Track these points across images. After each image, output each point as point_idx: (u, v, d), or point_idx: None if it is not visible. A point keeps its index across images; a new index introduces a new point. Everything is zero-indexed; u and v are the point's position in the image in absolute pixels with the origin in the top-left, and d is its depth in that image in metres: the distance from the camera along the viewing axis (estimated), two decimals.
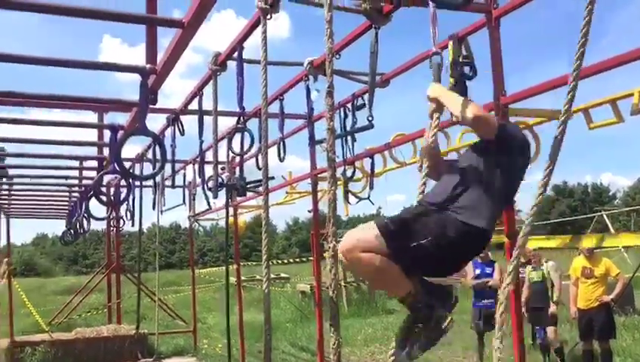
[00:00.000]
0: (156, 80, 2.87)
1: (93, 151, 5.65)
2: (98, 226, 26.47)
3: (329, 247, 2.73)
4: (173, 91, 59.56)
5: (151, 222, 49.01)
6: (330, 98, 2.80)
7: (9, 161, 6.77)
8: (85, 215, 6.49)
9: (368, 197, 5.68)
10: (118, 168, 2.94)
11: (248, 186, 6.28)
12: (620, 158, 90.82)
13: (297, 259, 25.73)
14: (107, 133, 5.13)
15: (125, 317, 14.28)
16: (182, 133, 6.51)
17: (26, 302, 11.98)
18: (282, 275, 24.40)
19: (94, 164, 6.12)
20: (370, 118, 4.03)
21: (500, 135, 2.76)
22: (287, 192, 10.37)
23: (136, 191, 9.67)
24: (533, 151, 4.95)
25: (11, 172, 6.97)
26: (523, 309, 8.57)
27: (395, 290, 2.86)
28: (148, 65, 2.69)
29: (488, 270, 8.48)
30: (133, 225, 9.37)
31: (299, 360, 10.50)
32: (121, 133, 3.44)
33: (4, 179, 7.58)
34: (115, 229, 13.31)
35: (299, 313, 15.61)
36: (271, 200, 3.43)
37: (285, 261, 27.27)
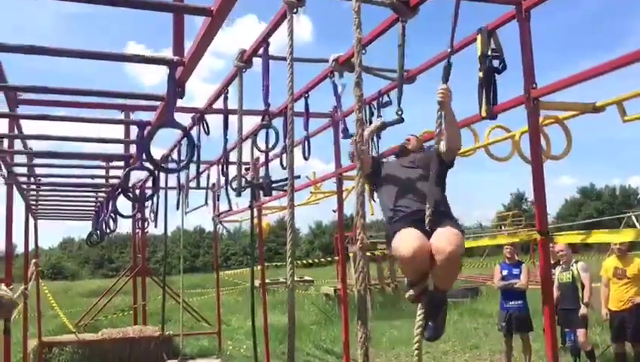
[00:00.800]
0: (183, 72, 2.85)
1: (119, 149, 5.67)
2: (123, 230, 26.79)
3: (357, 239, 2.69)
4: (197, 95, 60.17)
5: (175, 225, 49.23)
6: (359, 89, 2.76)
7: (36, 161, 6.85)
8: (112, 214, 6.52)
9: None
10: (147, 161, 2.92)
11: (274, 185, 6.27)
12: None
13: (322, 259, 25.57)
14: (134, 132, 5.18)
15: (151, 319, 14.39)
16: (207, 133, 6.51)
17: (53, 304, 12.12)
18: (306, 278, 24.38)
19: (121, 164, 6.17)
20: (399, 113, 3.96)
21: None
22: (311, 192, 10.30)
23: (161, 192, 9.78)
24: (564, 146, 4.86)
25: (38, 171, 7.06)
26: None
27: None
28: (175, 57, 2.68)
29: (515, 271, 8.33)
30: (156, 226, 9.41)
31: (322, 361, 10.45)
32: (148, 128, 3.43)
33: (32, 179, 7.68)
34: (140, 231, 13.43)
35: (323, 315, 15.54)
36: (295, 200, 3.43)
37: (310, 261, 27.14)
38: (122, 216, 5.55)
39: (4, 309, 4.73)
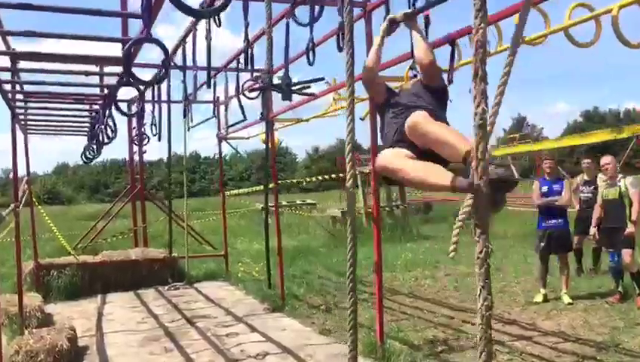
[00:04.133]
0: None
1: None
2: (119, 155, 26.02)
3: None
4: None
5: (172, 151, 48.54)
6: None
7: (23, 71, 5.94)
8: (110, 121, 5.64)
9: None
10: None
11: (294, 88, 5.36)
12: None
13: (327, 177, 24.45)
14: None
15: (152, 242, 13.84)
16: (218, 25, 5.58)
17: (50, 224, 11.44)
18: (309, 201, 23.83)
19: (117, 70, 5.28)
20: None
21: None
22: (334, 99, 9.34)
23: (163, 106, 8.90)
24: None
25: (24, 77, 6.17)
26: (594, 230, 7.76)
27: None
28: None
29: (556, 187, 7.59)
30: (160, 139, 8.62)
31: (337, 285, 9.87)
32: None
33: (18, 87, 6.77)
34: (138, 149, 12.62)
35: (331, 238, 15.00)
36: (314, 110, 2.67)
37: (307, 181, 26.15)
38: (123, 112, 4.69)
39: None
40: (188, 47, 6.76)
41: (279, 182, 10.37)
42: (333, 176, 17.36)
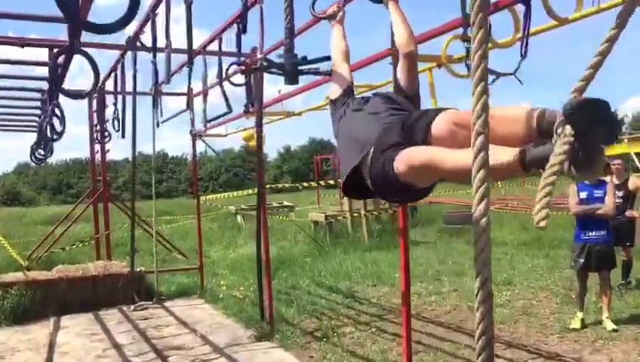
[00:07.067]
0: None
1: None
2: (82, 154, 24.37)
3: None
4: None
5: (137, 151, 46.93)
6: None
7: None
8: (56, 110, 4.30)
9: (514, 73, 3.52)
10: None
11: (302, 68, 4.07)
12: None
13: (305, 184, 23.13)
14: None
15: (115, 250, 12.41)
16: None
17: None
18: (286, 203, 22.47)
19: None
20: None
21: None
22: None
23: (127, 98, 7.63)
24: None
25: None
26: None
27: None
28: None
29: (598, 193, 6.44)
30: (124, 136, 7.30)
31: (330, 303, 8.63)
32: None
33: None
34: (99, 148, 11.16)
35: (314, 245, 13.71)
36: (312, 101, 1.59)
37: (282, 186, 24.75)
38: (70, 95, 3.37)
39: None
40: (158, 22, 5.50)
41: (267, 186, 9.05)
42: (322, 183, 16.07)
